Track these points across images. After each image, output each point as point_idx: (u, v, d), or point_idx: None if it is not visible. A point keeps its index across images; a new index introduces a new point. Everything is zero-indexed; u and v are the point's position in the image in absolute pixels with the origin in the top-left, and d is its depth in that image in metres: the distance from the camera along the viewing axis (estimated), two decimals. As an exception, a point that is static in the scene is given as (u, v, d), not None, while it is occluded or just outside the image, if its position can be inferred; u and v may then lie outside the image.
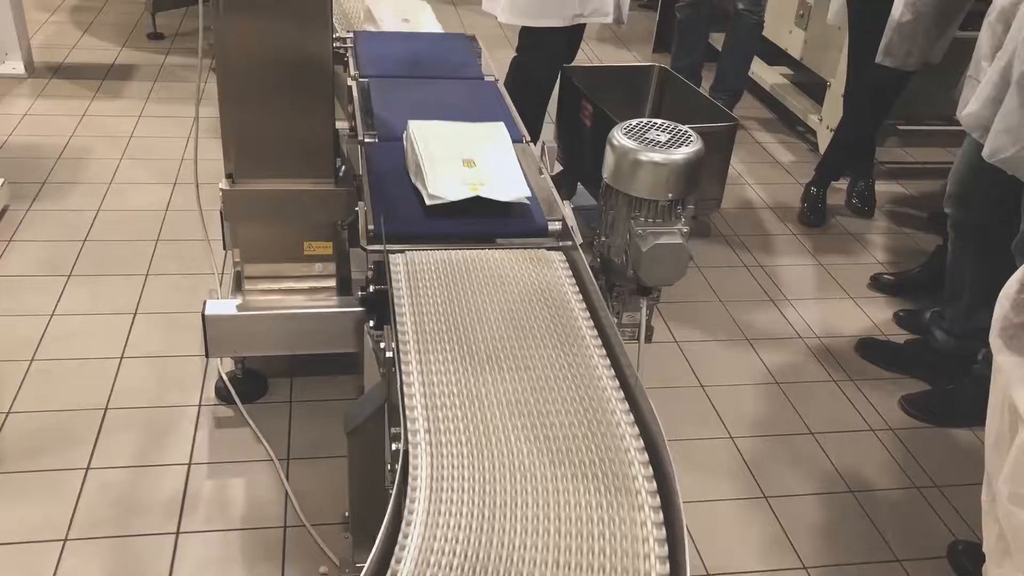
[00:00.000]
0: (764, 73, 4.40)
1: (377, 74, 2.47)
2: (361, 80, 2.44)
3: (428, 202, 1.71)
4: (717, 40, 4.22)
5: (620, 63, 4.73)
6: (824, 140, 3.81)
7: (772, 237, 3.28)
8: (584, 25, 3.22)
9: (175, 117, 3.69)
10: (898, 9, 2.94)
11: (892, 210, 3.53)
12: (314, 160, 2.16)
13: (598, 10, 2.98)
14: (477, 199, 1.74)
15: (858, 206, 3.48)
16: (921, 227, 3.41)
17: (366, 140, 2.14)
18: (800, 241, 3.27)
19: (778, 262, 3.12)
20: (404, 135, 1.93)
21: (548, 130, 3.50)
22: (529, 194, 1.74)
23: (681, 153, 1.56)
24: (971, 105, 2.24)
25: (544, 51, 3.07)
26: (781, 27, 4.23)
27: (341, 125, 2.40)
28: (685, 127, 1.63)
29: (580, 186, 3.33)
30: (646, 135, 1.60)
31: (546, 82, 3.20)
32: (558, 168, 3.33)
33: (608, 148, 1.62)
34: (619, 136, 1.61)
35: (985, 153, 2.06)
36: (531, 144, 2.17)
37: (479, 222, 1.77)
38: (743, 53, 3.96)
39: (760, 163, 3.83)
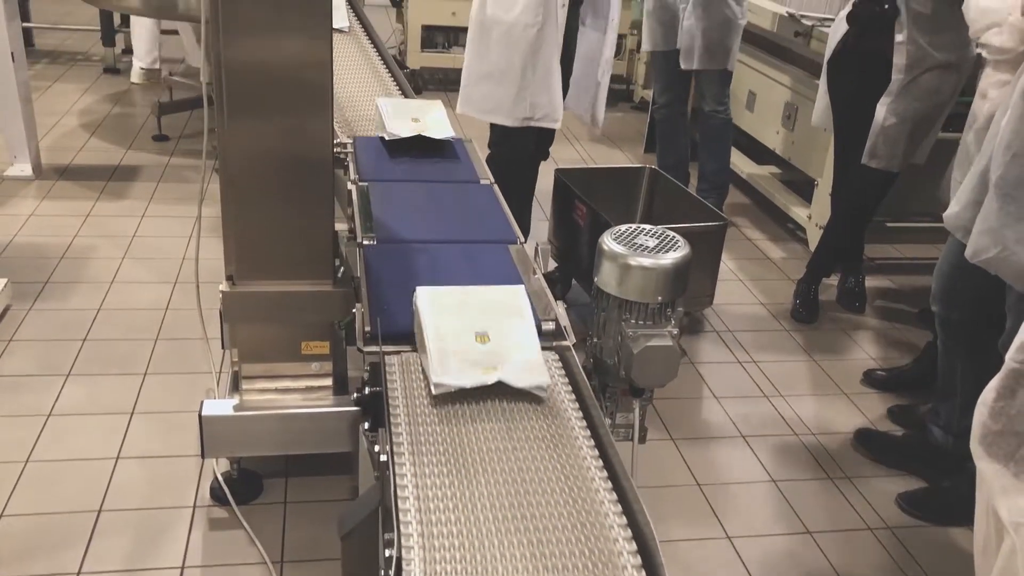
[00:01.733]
0: (753, 171, 4.51)
1: (376, 178, 2.54)
2: (361, 184, 2.52)
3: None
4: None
5: (612, 164, 4.85)
6: (814, 237, 3.89)
7: (765, 333, 3.32)
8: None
9: (178, 217, 3.77)
10: (881, 113, 3.05)
11: (882, 306, 3.58)
12: (314, 262, 2.20)
13: (548, 115, 3.07)
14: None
15: (848, 301, 3.53)
16: (911, 323, 3.45)
17: (364, 242, 2.20)
18: (792, 337, 3.31)
19: (771, 358, 3.15)
20: (412, 301, 1.71)
21: (544, 227, 3.57)
22: (548, 382, 1.53)
23: (669, 258, 1.61)
24: (953, 206, 2.31)
25: (510, 146, 3.17)
26: (768, 128, 4.37)
27: (340, 227, 2.46)
28: (672, 233, 1.69)
29: (575, 282, 3.38)
30: (635, 240, 1.65)
31: (520, 177, 3.27)
32: (553, 265, 3.39)
33: (599, 253, 1.67)
34: (609, 241, 1.66)
35: (967, 253, 2.11)
36: (524, 244, 2.23)
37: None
38: (718, 150, 4.06)
39: (751, 259, 3.90)
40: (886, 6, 2.94)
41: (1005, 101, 2.14)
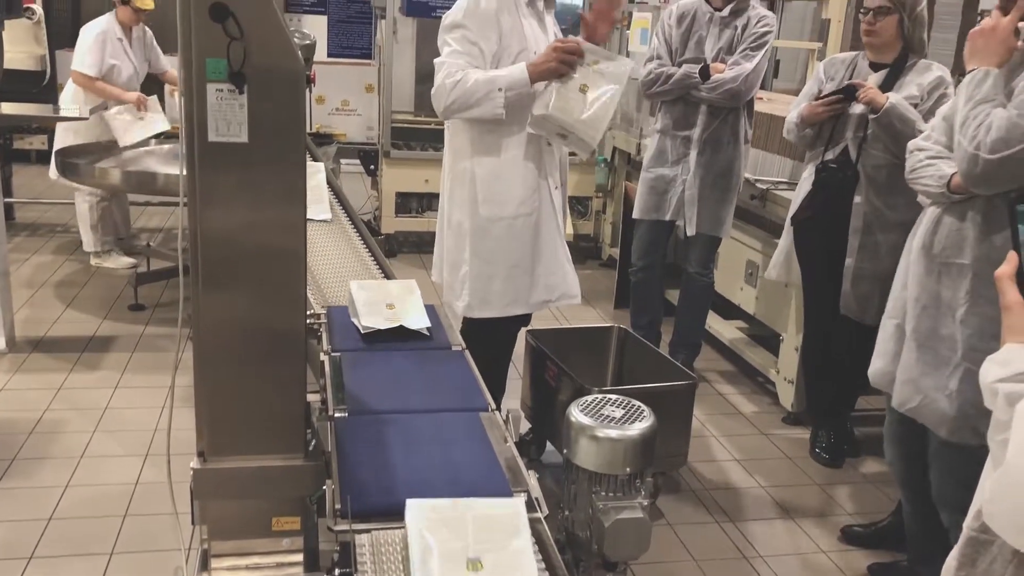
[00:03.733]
0: (720, 327, 4.61)
1: (348, 348, 2.58)
2: (333, 355, 2.55)
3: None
4: (673, 295, 4.45)
5: (583, 320, 4.94)
6: (783, 391, 3.95)
7: (741, 491, 3.31)
8: None
9: (151, 387, 3.77)
10: (849, 272, 3.20)
11: (857, 459, 3.60)
12: (285, 435, 2.20)
13: (565, 293, 3.04)
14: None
15: (822, 456, 3.54)
16: (887, 476, 3.46)
17: (336, 415, 2.21)
18: (769, 493, 3.30)
19: (748, 516, 3.13)
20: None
21: (518, 386, 3.59)
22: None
23: (636, 429, 1.64)
24: (876, 362, 2.40)
25: (496, 336, 3.10)
26: (733, 284, 4.50)
27: (313, 397, 2.48)
28: (638, 403, 1.73)
29: (549, 444, 3.38)
30: (601, 411, 1.69)
31: (502, 356, 3.27)
32: (527, 426, 3.40)
33: (567, 425, 1.70)
34: (576, 413, 1.69)
35: (894, 403, 2.19)
36: (496, 412, 2.25)
37: (447, 495, 1.81)
38: (697, 311, 4.17)
39: (723, 415, 3.93)
40: (849, 172, 3.13)
41: (907, 256, 2.28)
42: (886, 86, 3.09)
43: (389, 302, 2.70)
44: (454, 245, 3.02)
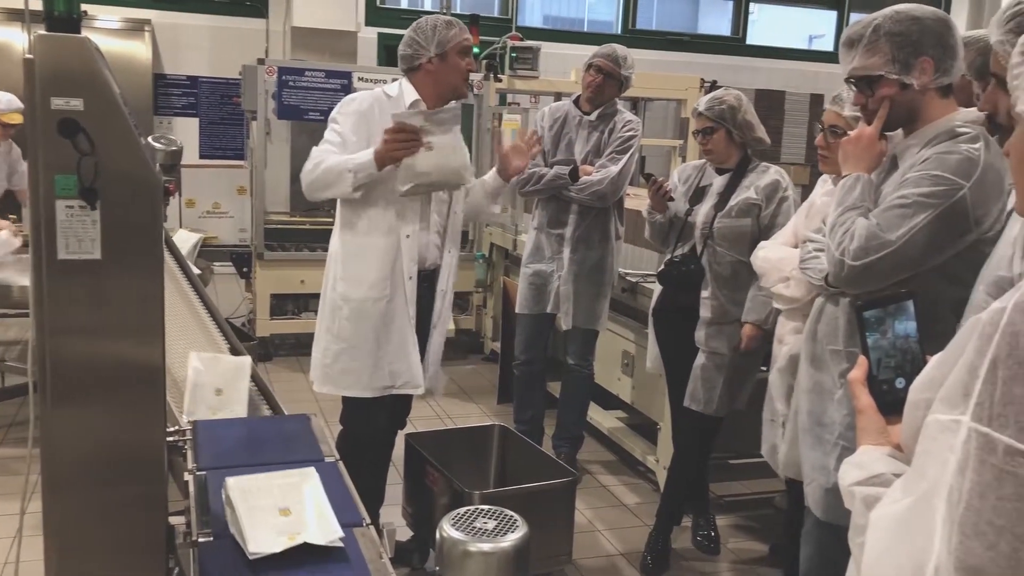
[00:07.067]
0: (601, 417, 4.65)
1: (216, 466, 2.46)
2: (199, 473, 2.43)
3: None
4: (555, 388, 4.48)
5: (466, 416, 4.91)
6: (663, 480, 3.98)
7: (627, 585, 3.29)
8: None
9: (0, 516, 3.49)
10: (699, 361, 3.27)
11: (737, 545, 3.64)
12: (144, 564, 2.08)
13: (409, 382, 3.09)
14: None
15: (704, 544, 3.57)
16: (765, 560, 3.51)
17: (200, 540, 2.09)
18: (654, 586, 3.29)
19: (635, 612, 3.11)
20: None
21: (398, 491, 3.50)
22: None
23: (508, 540, 1.62)
24: (782, 448, 2.48)
25: (365, 420, 3.14)
26: (611, 374, 4.56)
27: (178, 520, 2.34)
28: (511, 513, 1.70)
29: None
30: (473, 524, 1.66)
31: (373, 450, 3.24)
32: (409, 533, 3.30)
33: (438, 540, 1.66)
34: (447, 528, 1.66)
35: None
36: (371, 526, 2.17)
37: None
38: (578, 404, 4.21)
39: (607, 507, 3.93)
40: (692, 267, 3.24)
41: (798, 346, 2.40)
42: (730, 188, 3.28)
43: (282, 506, 2.13)
44: (320, 325, 3.15)
